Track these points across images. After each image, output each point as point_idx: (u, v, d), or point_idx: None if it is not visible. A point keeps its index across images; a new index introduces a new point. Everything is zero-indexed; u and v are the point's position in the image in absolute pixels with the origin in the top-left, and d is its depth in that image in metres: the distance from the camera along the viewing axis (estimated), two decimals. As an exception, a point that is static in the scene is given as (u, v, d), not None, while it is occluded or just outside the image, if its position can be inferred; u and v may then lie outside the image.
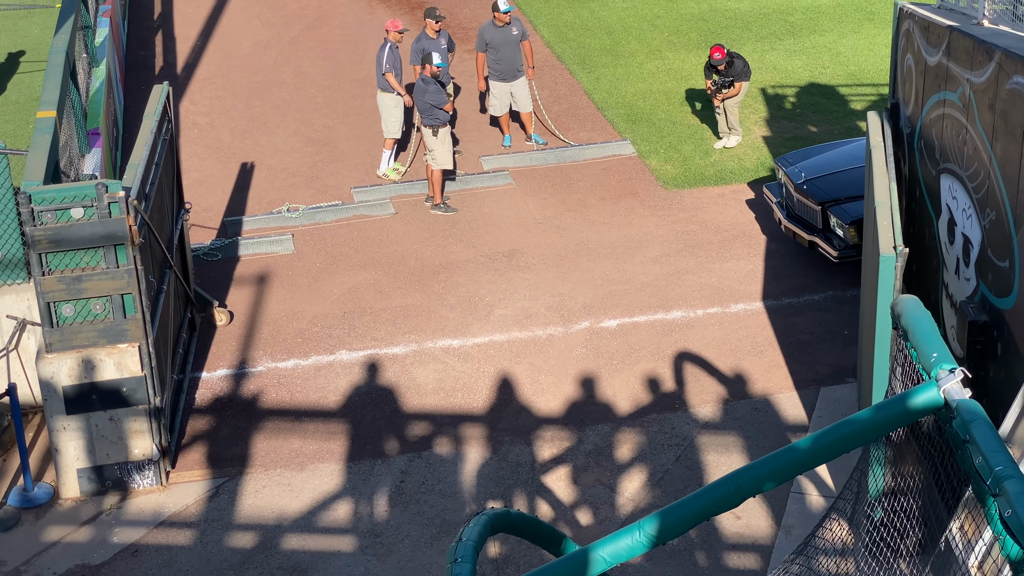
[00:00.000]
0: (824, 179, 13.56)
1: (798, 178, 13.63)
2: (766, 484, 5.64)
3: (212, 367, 12.27)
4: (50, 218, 9.89)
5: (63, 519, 10.19)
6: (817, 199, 13.34)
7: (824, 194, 13.37)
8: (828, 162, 13.97)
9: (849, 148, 14.29)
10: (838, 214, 13.10)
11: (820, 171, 13.72)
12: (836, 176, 13.61)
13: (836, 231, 13.14)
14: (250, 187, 15.98)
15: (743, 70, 16.41)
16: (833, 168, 13.79)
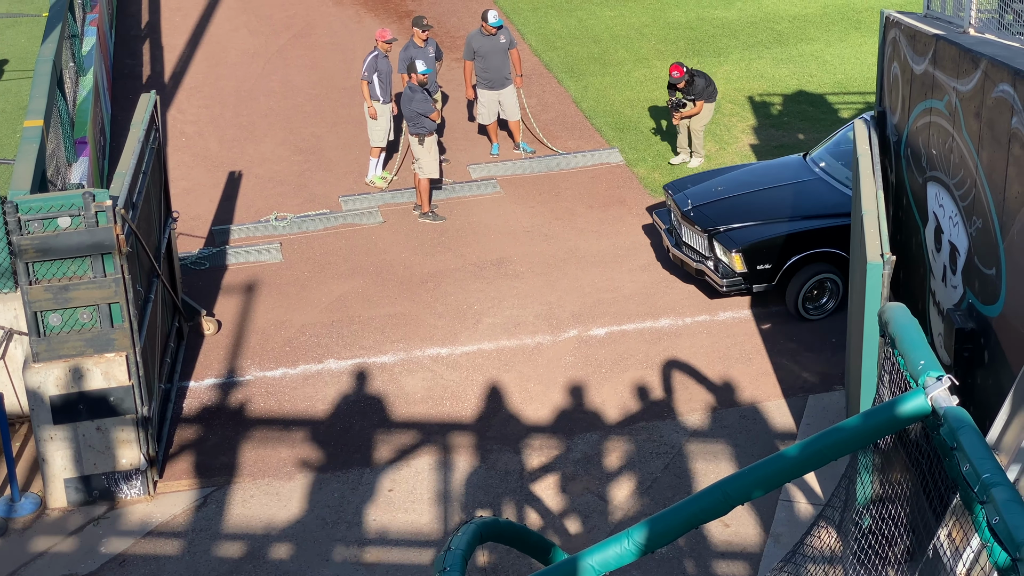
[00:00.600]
0: (711, 206, 13.28)
1: (685, 205, 13.32)
2: (755, 492, 5.65)
3: (200, 376, 12.25)
4: (37, 227, 9.87)
5: (50, 529, 10.15)
6: (703, 226, 13.04)
7: (710, 221, 13.07)
8: (715, 189, 13.68)
9: (738, 174, 14.06)
10: (724, 242, 12.80)
11: (707, 198, 13.44)
12: (723, 203, 13.34)
13: (723, 259, 12.84)
14: (238, 196, 15.96)
15: (705, 89, 16.03)
16: (720, 195, 13.49)
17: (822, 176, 13.56)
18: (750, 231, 12.83)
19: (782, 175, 13.80)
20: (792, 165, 14.07)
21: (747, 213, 13.07)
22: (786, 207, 13.12)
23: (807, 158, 14.10)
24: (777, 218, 12.93)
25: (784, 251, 12.67)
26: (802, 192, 13.37)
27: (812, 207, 13.04)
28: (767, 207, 13.16)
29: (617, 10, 21.86)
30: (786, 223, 12.84)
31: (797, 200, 13.23)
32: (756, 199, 13.36)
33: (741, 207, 13.20)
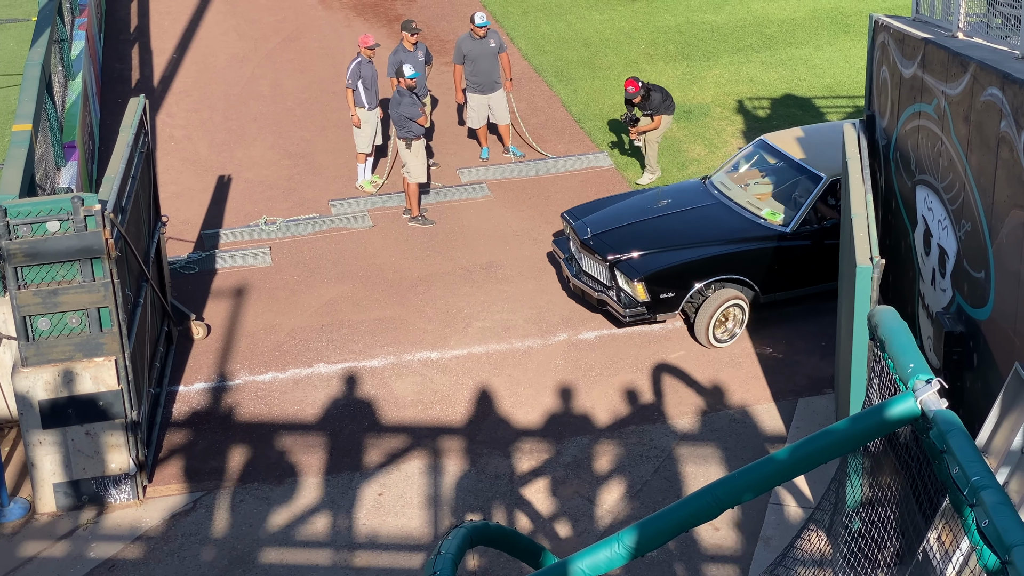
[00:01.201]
0: (611, 234, 12.84)
1: (584, 233, 12.86)
2: (744, 495, 5.66)
3: (189, 380, 12.22)
4: (26, 231, 9.84)
5: (39, 534, 10.12)
6: (604, 255, 12.58)
7: (611, 249, 12.61)
8: (615, 216, 13.22)
9: (636, 200, 13.62)
10: (625, 271, 12.34)
11: (607, 225, 12.98)
12: (623, 230, 12.90)
13: (624, 288, 12.39)
14: (227, 200, 15.94)
15: (662, 104, 15.78)
16: (620, 222, 13.05)
17: (722, 200, 13.25)
18: (651, 259, 12.40)
19: (682, 200, 13.39)
20: (691, 190, 13.68)
21: (648, 240, 12.65)
22: (687, 233, 12.75)
23: (706, 181, 13.75)
24: (679, 245, 12.54)
25: (687, 279, 12.30)
26: (703, 217, 13.03)
27: (714, 233, 12.71)
28: (668, 234, 12.78)
29: (607, 14, 21.88)
30: (688, 250, 12.47)
31: (698, 226, 12.89)
32: (656, 226, 12.93)
33: (641, 234, 12.77)
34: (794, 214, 12.73)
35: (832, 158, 12.90)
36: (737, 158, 13.87)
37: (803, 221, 12.66)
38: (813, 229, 12.70)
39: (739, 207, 13.08)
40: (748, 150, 13.92)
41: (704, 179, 13.85)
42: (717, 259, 12.40)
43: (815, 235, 12.71)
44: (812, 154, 13.27)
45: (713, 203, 13.24)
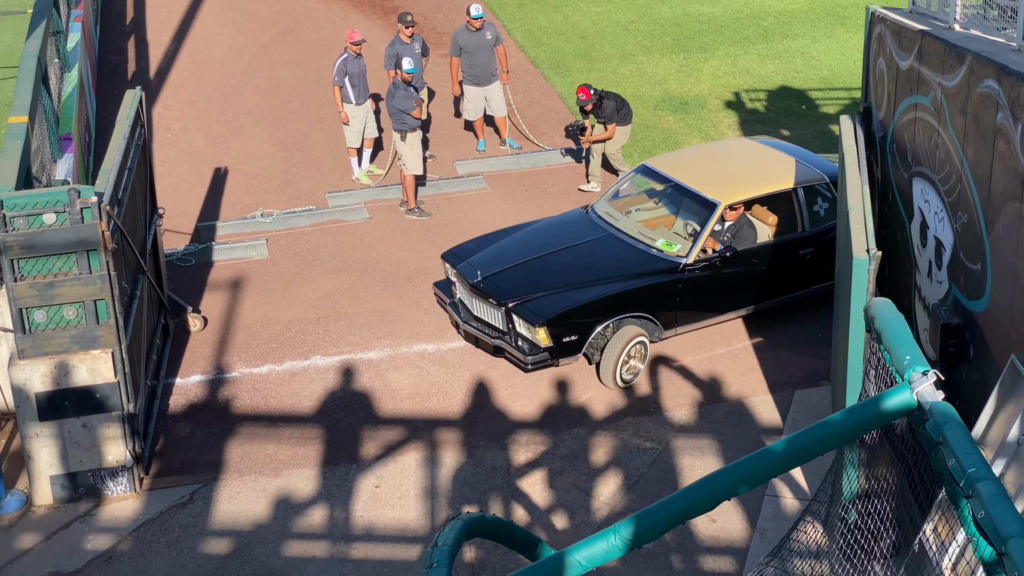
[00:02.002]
0: (503, 275, 11.86)
1: (473, 276, 11.86)
2: (741, 487, 5.66)
3: (186, 373, 12.22)
4: (22, 223, 9.83)
5: (36, 526, 10.12)
6: (499, 299, 11.60)
7: (505, 292, 11.65)
8: (504, 254, 12.24)
9: (522, 236, 12.63)
10: (524, 315, 11.40)
11: (496, 266, 11.98)
12: (515, 270, 11.93)
13: (524, 334, 11.49)
14: (224, 192, 15.92)
15: (615, 113, 15.30)
16: (510, 261, 12.06)
17: (612, 232, 12.42)
18: (551, 300, 11.47)
19: (571, 234, 12.49)
20: (577, 221, 12.80)
21: (543, 280, 11.73)
22: (583, 270, 11.87)
23: (590, 211, 12.94)
24: (576, 284, 11.66)
25: (590, 319, 11.47)
26: (596, 252, 12.17)
27: (610, 268, 11.88)
28: (563, 272, 11.86)
29: (603, 6, 21.87)
30: (587, 289, 11.61)
31: (593, 262, 12.02)
32: (549, 264, 12.01)
33: (535, 274, 11.84)
34: (691, 244, 12.01)
35: (724, 181, 12.63)
36: (620, 185, 13.16)
37: (701, 250, 12.01)
38: (712, 258, 12.02)
39: (631, 239, 12.27)
40: (631, 177, 13.22)
41: (587, 208, 13.03)
42: (618, 297, 11.57)
43: (714, 265, 12.03)
44: (701, 179, 12.65)
45: (603, 235, 12.37)
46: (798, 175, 12.63)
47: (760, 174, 12.79)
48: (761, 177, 12.69)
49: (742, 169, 13.06)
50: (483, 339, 11.82)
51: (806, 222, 12.47)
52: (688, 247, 12.00)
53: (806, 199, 12.50)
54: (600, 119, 15.39)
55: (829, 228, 12.49)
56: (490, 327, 11.83)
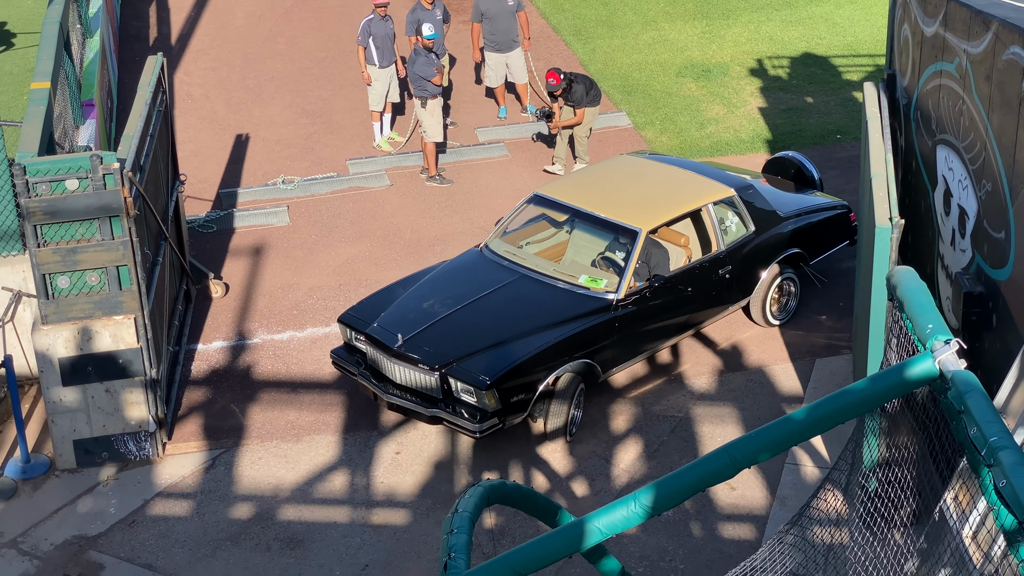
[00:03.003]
0: (425, 335, 10.44)
1: (393, 340, 10.41)
2: (761, 455, 5.66)
3: (208, 339, 12.28)
4: (45, 189, 9.87)
5: (60, 490, 10.21)
6: (430, 363, 10.18)
7: (437, 355, 10.22)
8: (416, 311, 10.78)
9: (428, 288, 11.18)
10: (466, 378, 10.05)
11: (415, 325, 10.55)
12: (438, 328, 10.53)
13: (465, 399, 10.14)
14: (245, 159, 15.94)
15: (585, 96, 14.91)
16: (429, 318, 10.64)
17: (525, 273, 11.16)
18: (490, 359, 10.18)
19: (480, 280, 11.17)
20: (480, 264, 11.45)
21: (472, 337, 10.41)
22: (511, 320, 10.63)
23: (486, 250, 11.61)
24: (510, 336, 10.40)
25: (536, 374, 10.27)
26: (517, 297, 10.92)
27: (540, 314, 10.65)
28: (492, 325, 10.58)
29: (625, -28, 21.72)
30: (524, 340, 10.37)
31: (518, 309, 10.80)
32: (472, 316, 10.69)
33: (461, 330, 10.51)
34: (618, 278, 10.91)
35: (636, 205, 11.51)
36: (511, 219, 11.88)
37: (631, 284, 10.93)
38: (642, 290, 10.94)
39: (549, 279, 11.05)
40: (525, 209, 11.96)
41: (482, 248, 11.70)
42: (559, 345, 10.38)
43: (644, 296, 10.97)
44: (610, 205, 11.53)
45: (517, 278, 11.11)
46: (707, 191, 11.80)
47: (669, 194, 11.83)
48: (672, 197, 11.73)
49: (648, 190, 11.95)
50: (417, 411, 10.30)
51: (720, 240, 11.58)
52: (616, 281, 10.89)
53: (717, 216, 11.66)
54: (569, 103, 14.99)
55: (741, 244, 11.70)
56: (420, 395, 10.33)
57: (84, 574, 9.36)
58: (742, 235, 11.78)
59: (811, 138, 16.16)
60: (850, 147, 15.77)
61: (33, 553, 9.54)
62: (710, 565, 9.22)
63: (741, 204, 11.84)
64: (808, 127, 16.45)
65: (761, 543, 9.31)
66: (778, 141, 16.05)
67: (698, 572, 9.15)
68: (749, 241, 11.77)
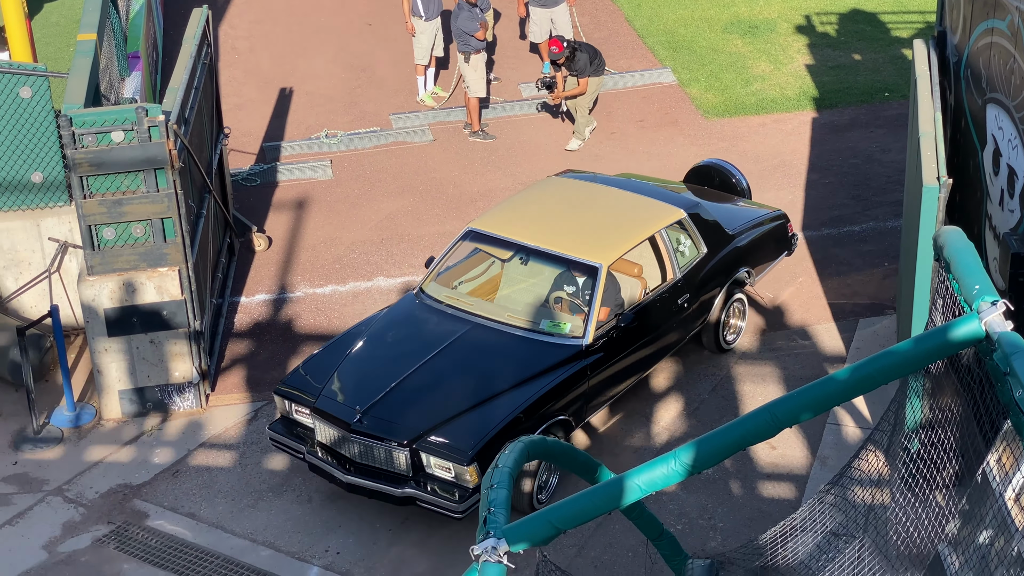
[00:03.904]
0: (384, 405, 9.14)
1: (349, 414, 9.09)
2: (803, 415, 5.65)
3: (251, 292, 12.35)
4: (91, 141, 9.93)
5: (105, 439, 10.34)
6: (399, 438, 8.93)
7: (406, 428, 8.99)
8: (366, 377, 9.48)
9: (372, 348, 9.79)
10: (442, 453, 8.85)
11: (369, 394, 9.22)
12: (397, 396, 9.23)
13: (440, 475, 8.92)
14: (289, 112, 15.96)
15: (588, 65, 14.50)
16: (382, 384, 9.29)
17: (477, 322, 9.91)
18: (466, 428, 8.99)
19: (428, 333, 9.90)
20: (424, 314, 10.14)
21: (438, 403, 9.19)
22: (477, 379, 9.45)
23: (424, 297, 10.28)
24: (479, 398, 9.23)
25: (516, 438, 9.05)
26: (477, 352, 9.70)
27: (506, 370, 9.50)
28: (456, 386, 9.37)
29: (672, -74, 21.48)
30: (495, 402, 9.21)
31: (479, 364, 9.61)
32: (431, 378, 9.40)
33: (423, 396, 9.24)
34: (585, 320, 9.78)
35: (589, 236, 10.33)
36: (446, 260, 10.58)
37: (598, 325, 9.79)
38: (609, 330, 9.84)
39: (506, 326, 9.85)
40: (464, 248, 10.66)
41: (418, 295, 10.34)
42: (536, 405, 9.25)
43: (611, 337, 9.87)
44: (559, 237, 10.32)
45: (469, 328, 9.85)
46: (658, 215, 10.69)
47: (621, 221, 10.64)
48: (625, 224, 10.54)
49: (597, 218, 10.70)
50: (382, 492, 9.05)
51: (676, 266, 10.54)
52: (581, 324, 9.78)
53: (671, 240, 10.61)
54: (572, 72, 14.61)
55: (695, 268, 10.69)
56: (386, 474, 9.07)
57: (129, 522, 9.49)
58: (695, 258, 10.74)
59: (859, 96, 15.98)
60: (898, 105, 15.59)
61: (78, 501, 9.68)
62: (749, 523, 9.22)
63: (691, 225, 10.78)
64: (856, 84, 16.26)
65: (801, 502, 9.30)
66: (825, 99, 15.89)
67: (737, 530, 9.16)
68: (702, 264, 10.77)
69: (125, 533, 9.35)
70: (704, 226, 10.92)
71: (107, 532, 9.40)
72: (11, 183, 10.95)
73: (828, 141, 14.97)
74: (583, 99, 14.74)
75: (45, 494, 9.75)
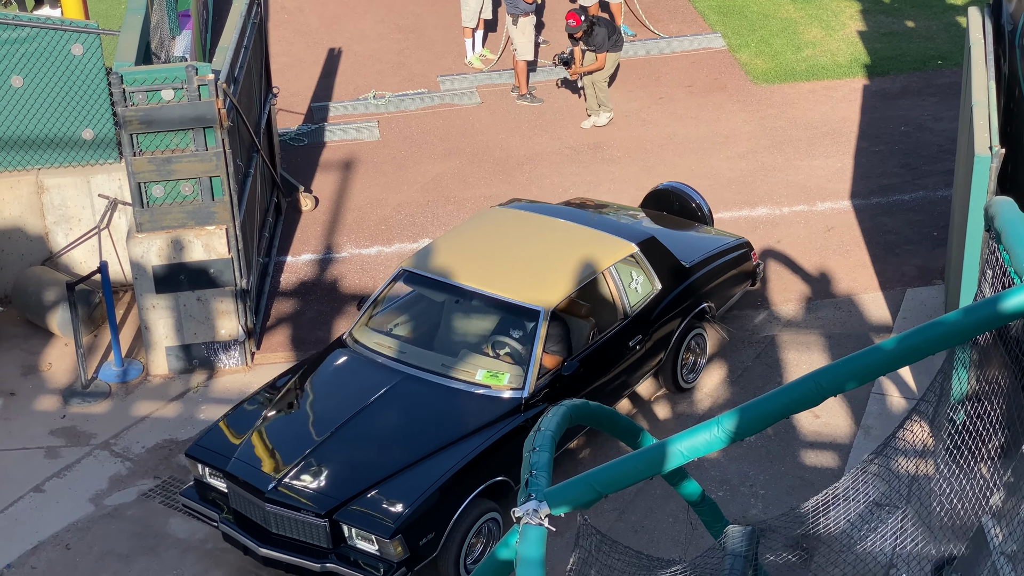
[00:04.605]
0: (302, 470, 8.36)
1: (265, 482, 8.29)
2: (848, 384, 5.61)
3: (297, 251, 12.41)
4: (141, 99, 9.99)
5: (151, 395, 10.45)
6: (317, 508, 8.15)
7: (324, 497, 8.20)
8: (285, 437, 8.72)
9: (297, 398, 9.13)
10: (364, 524, 8.08)
11: (290, 456, 8.46)
12: (316, 459, 8.42)
13: (363, 547, 8.16)
14: (337, 73, 15.98)
15: (607, 40, 14.11)
16: (302, 447, 8.51)
17: (410, 372, 9.07)
18: (391, 495, 8.18)
19: (355, 386, 9.08)
20: (350, 364, 9.33)
21: (362, 466, 8.38)
22: (405, 440, 8.60)
23: (353, 343, 9.47)
24: (406, 461, 8.40)
25: (446, 507, 8.30)
26: (406, 408, 8.86)
27: (437, 429, 8.68)
28: (383, 447, 8.55)
29: None
30: (423, 466, 8.38)
31: (408, 423, 8.76)
32: (356, 439, 8.61)
33: (345, 459, 8.45)
34: (524, 370, 8.91)
35: (531, 277, 9.45)
36: (380, 300, 9.77)
37: (539, 376, 8.93)
38: (552, 380, 9.02)
39: (440, 377, 9.00)
40: (400, 290, 9.89)
41: (348, 340, 9.54)
42: (468, 467, 8.42)
43: (555, 387, 9.04)
44: (498, 278, 9.43)
45: (399, 380, 9.00)
46: (607, 249, 9.80)
47: (566, 257, 9.63)
48: (570, 261, 9.56)
49: (539, 254, 9.78)
50: (299, 566, 8.29)
51: (627, 305, 9.67)
52: (520, 375, 8.93)
53: (621, 277, 9.72)
54: (590, 47, 14.25)
55: (649, 306, 9.84)
56: (304, 547, 8.29)
57: (174, 476, 9.60)
58: (648, 295, 9.86)
59: (911, 63, 15.79)
60: (951, 73, 15.39)
61: (125, 455, 9.80)
62: (791, 491, 9.21)
63: (644, 260, 9.87)
64: (908, 52, 16.07)
65: (844, 472, 9.27)
66: (877, 66, 15.71)
67: (779, 498, 9.15)
68: (657, 301, 9.89)
69: (170, 488, 9.47)
70: (658, 259, 9.98)
71: (153, 487, 9.52)
72: (63, 139, 11.06)
73: (879, 109, 14.82)
74: (600, 75, 14.39)
75: (92, 448, 9.88)
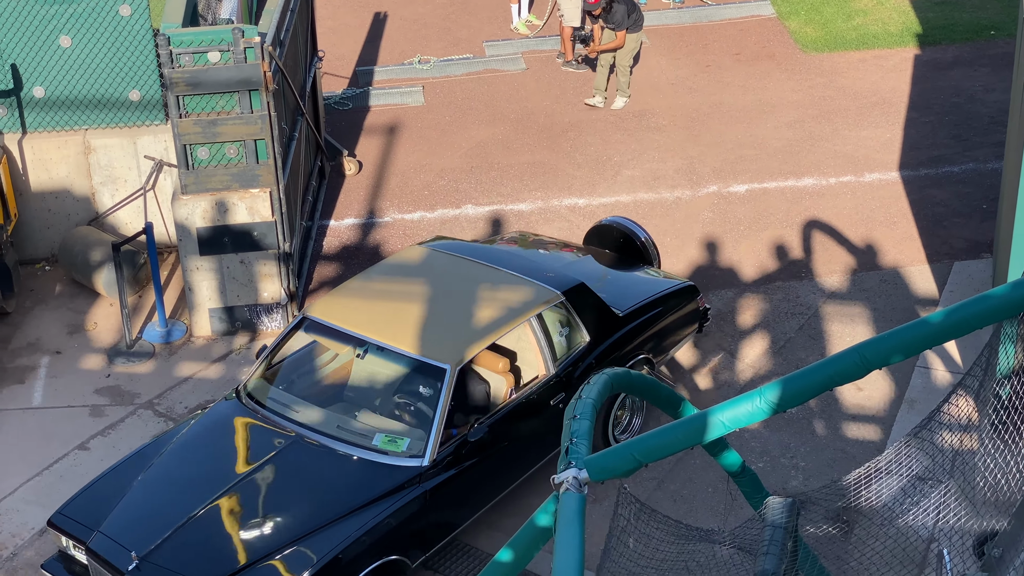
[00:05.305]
0: (172, 545, 7.54)
1: (123, 559, 7.47)
2: (893, 357, 5.55)
3: (340, 215, 12.43)
4: (188, 61, 10.01)
5: (194, 356, 10.52)
6: None
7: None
8: (159, 505, 7.84)
9: (170, 468, 8.12)
10: None
11: (157, 531, 7.61)
12: (192, 531, 7.63)
13: None
14: (382, 37, 15.95)
15: (626, 18, 13.73)
16: (172, 519, 7.67)
17: (302, 432, 8.25)
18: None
19: (241, 447, 8.29)
20: (239, 423, 8.46)
21: (236, 546, 7.58)
22: (290, 512, 7.77)
23: (246, 399, 8.60)
24: (288, 539, 7.59)
25: None
26: (293, 474, 8.03)
27: (328, 499, 7.87)
28: (262, 523, 7.70)
29: None
30: (308, 544, 7.57)
31: (294, 495, 7.91)
32: (234, 512, 7.78)
33: (219, 535, 7.63)
34: (426, 435, 8.09)
35: (438, 330, 8.54)
36: (277, 352, 8.93)
37: (443, 441, 8.12)
38: (456, 447, 8.19)
39: (333, 440, 8.17)
40: (295, 337, 8.97)
41: (240, 394, 8.66)
42: (356, 546, 7.66)
43: (460, 454, 8.22)
44: (403, 332, 8.53)
45: (289, 443, 8.16)
46: (528, 298, 8.88)
47: (481, 307, 8.82)
48: (485, 312, 8.75)
49: (452, 304, 8.94)
50: None
51: (549, 360, 8.78)
52: (422, 440, 8.10)
53: (544, 329, 8.79)
54: (609, 25, 13.90)
55: (575, 360, 8.94)
56: None
57: (216, 438, 9.66)
58: (576, 349, 8.97)
59: (963, 33, 15.57)
60: (1004, 44, 15.16)
61: (168, 415, 9.88)
62: (832, 464, 9.16)
63: (571, 309, 8.97)
64: (961, 21, 15.84)
65: (886, 445, 9.21)
66: (928, 35, 15.50)
67: (820, 470, 9.10)
68: (585, 354, 8.99)
69: (213, 448, 9.54)
70: (587, 308, 9.07)
71: (195, 446, 9.59)
72: (109, 100, 11.11)
73: (930, 79, 14.63)
74: (625, 58, 14.10)
75: (136, 407, 9.97)
